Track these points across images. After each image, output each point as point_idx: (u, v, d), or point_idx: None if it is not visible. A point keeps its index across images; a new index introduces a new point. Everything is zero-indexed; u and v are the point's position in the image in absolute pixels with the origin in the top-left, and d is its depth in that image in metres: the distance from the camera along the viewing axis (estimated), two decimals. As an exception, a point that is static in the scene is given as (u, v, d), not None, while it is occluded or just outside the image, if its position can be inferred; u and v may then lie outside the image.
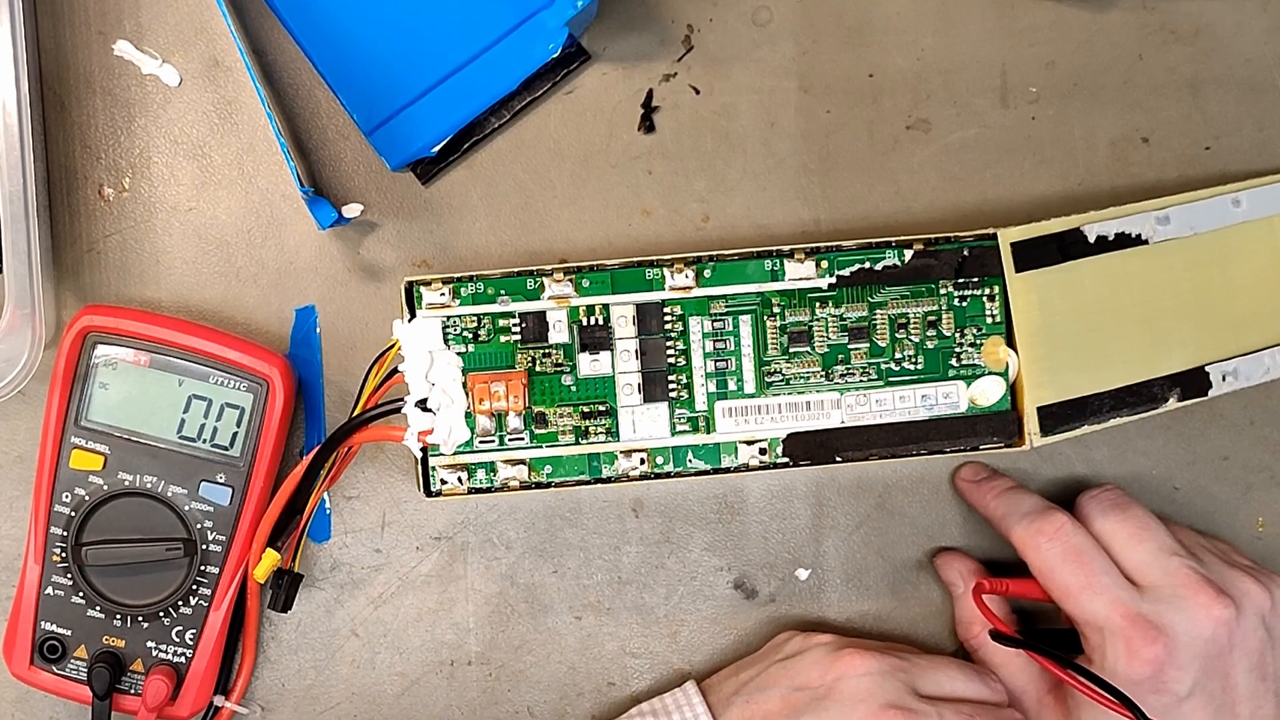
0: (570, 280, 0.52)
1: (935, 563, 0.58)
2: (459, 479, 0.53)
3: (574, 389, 0.53)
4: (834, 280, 0.53)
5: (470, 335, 0.52)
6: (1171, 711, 0.52)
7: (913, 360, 0.54)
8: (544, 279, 0.52)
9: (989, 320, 0.54)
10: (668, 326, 0.53)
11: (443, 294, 0.52)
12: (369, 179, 0.57)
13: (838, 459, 0.53)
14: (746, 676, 0.56)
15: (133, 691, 0.55)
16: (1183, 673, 0.51)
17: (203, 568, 0.54)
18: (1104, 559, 0.53)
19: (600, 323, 0.53)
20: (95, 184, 0.56)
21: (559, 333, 0.53)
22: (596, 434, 0.53)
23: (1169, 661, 0.51)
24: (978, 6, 0.58)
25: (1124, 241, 0.54)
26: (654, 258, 0.53)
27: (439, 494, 0.53)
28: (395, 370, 0.51)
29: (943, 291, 0.54)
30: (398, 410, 0.51)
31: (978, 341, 0.54)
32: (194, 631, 0.55)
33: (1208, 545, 0.56)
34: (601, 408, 0.53)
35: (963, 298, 0.54)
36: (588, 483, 0.53)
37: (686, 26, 0.57)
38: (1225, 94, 0.59)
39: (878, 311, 0.53)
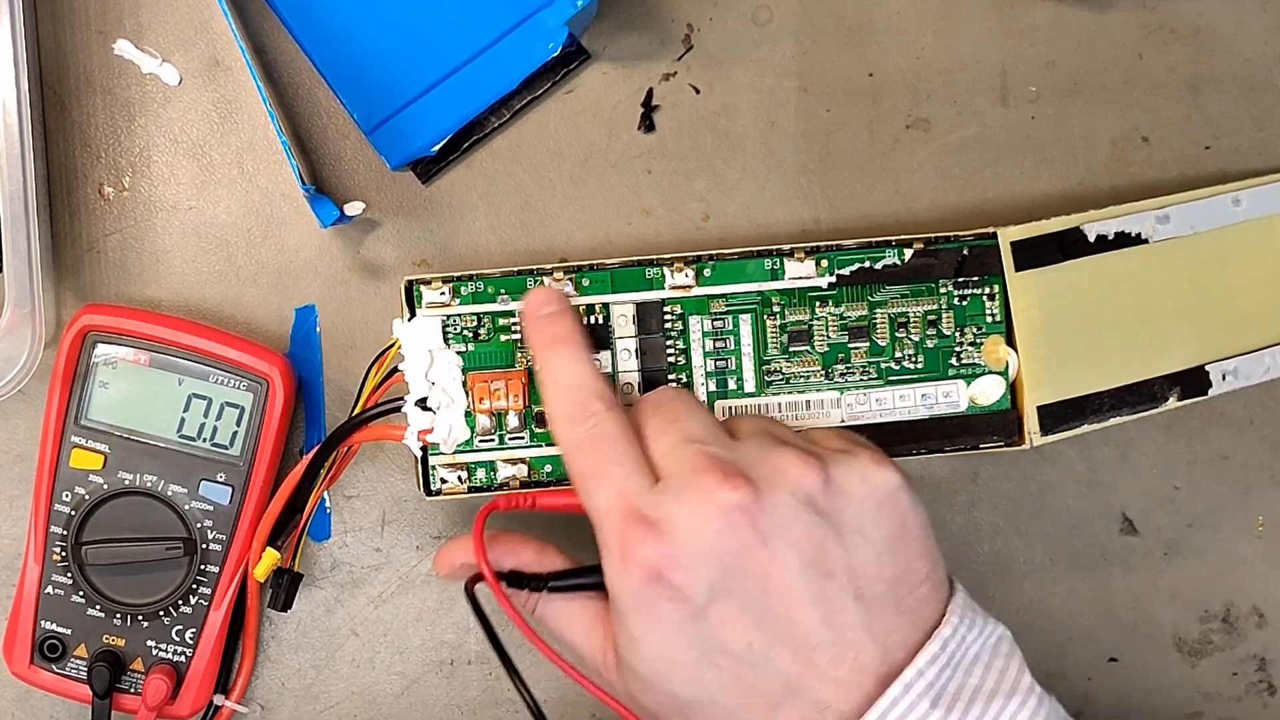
0: (570, 279, 0.52)
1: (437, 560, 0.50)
2: (459, 478, 0.53)
3: (574, 388, 0.53)
4: (834, 279, 0.53)
5: (470, 334, 0.52)
6: (698, 624, 0.42)
7: (913, 359, 0.54)
8: (544, 278, 0.52)
9: (989, 319, 0.54)
10: (667, 325, 0.53)
11: (442, 293, 0.52)
12: (369, 178, 0.57)
13: (838, 458, 0.53)
14: None
15: (133, 690, 0.55)
16: (690, 574, 0.42)
17: (203, 567, 0.54)
18: (628, 448, 0.45)
19: (600, 322, 0.53)
20: (95, 183, 0.56)
21: (559, 332, 0.53)
22: (596, 433, 0.53)
23: (668, 562, 0.42)
24: (978, 6, 0.58)
25: (1124, 241, 0.54)
26: (654, 257, 0.53)
27: (439, 493, 0.53)
28: (395, 369, 0.51)
29: (943, 291, 0.54)
30: (397, 409, 0.51)
31: (978, 341, 0.54)
32: (194, 631, 0.55)
33: (785, 434, 0.47)
34: (601, 407, 0.53)
35: (963, 297, 0.54)
36: (588, 482, 0.53)
37: (686, 26, 0.57)
38: (1225, 94, 0.59)
39: (878, 311, 0.53)
